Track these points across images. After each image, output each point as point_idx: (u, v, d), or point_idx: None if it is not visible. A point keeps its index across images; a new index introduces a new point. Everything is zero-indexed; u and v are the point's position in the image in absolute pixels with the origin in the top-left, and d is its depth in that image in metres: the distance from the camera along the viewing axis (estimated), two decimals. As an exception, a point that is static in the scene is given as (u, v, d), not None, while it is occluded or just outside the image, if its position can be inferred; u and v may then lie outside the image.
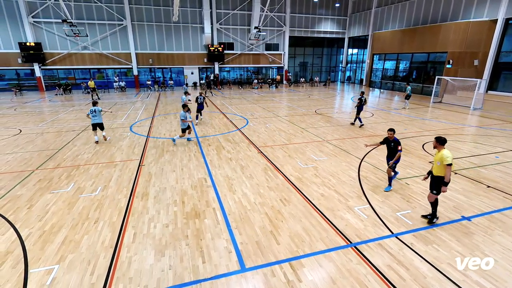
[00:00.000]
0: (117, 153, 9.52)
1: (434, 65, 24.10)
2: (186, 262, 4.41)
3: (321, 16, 34.17)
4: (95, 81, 28.51)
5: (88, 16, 26.64)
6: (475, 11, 21.10)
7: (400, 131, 12.26)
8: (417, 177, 7.47)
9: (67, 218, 5.62)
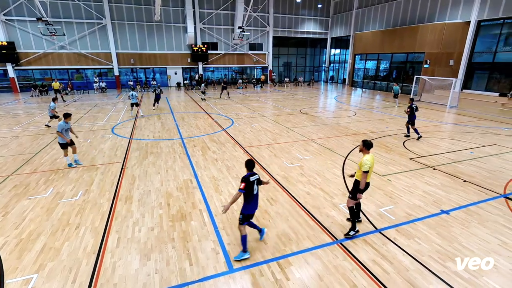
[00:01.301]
0: (99, 156, 9.23)
1: (413, 65, 24.95)
2: (172, 265, 4.34)
3: (304, 17, 34.57)
4: (73, 82, 27.62)
5: (65, 14, 25.65)
6: (449, 13, 22.03)
7: (382, 129, 12.61)
8: (398, 174, 7.71)
9: (46, 225, 5.39)
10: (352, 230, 4.97)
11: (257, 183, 4.52)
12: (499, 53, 19.99)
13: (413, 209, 5.92)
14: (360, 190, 4.77)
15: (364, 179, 4.67)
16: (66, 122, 7.94)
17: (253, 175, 4.43)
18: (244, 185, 4.28)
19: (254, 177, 4.42)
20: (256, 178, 4.46)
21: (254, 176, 4.43)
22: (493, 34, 20.33)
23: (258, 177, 4.52)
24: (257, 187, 4.50)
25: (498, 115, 15.88)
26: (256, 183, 4.48)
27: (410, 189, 6.79)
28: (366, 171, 4.62)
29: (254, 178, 4.43)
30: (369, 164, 4.61)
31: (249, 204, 4.44)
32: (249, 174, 4.41)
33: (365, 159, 4.64)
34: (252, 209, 4.52)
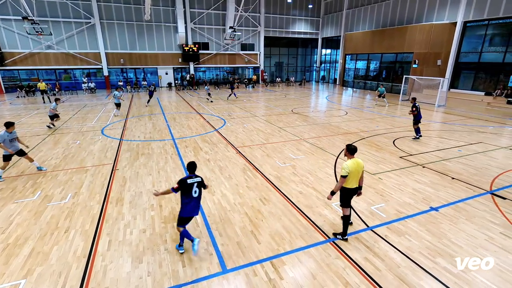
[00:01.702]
0: (88, 158, 9.07)
1: (402, 64, 25.39)
2: (165, 268, 4.30)
3: (295, 17, 34.74)
4: (61, 82, 27.05)
5: (52, 13, 25.09)
6: (437, 14, 22.50)
7: (372, 128, 12.79)
8: (389, 172, 7.83)
9: (34, 229, 5.26)
10: (341, 236, 4.90)
11: (198, 186, 4.42)
12: (485, 53, 20.54)
13: (403, 206, 6.02)
14: (332, 192, 4.71)
15: (339, 183, 4.61)
16: (9, 132, 7.25)
17: (192, 178, 4.37)
18: (177, 187, 4.27)
19: (193, 180, 4.36)
20: (196, 181, 4.39)
21: (193, 179, 4.37)
22: (478, 34, 20.87)
23: (200, 180, 4.45)
24: (198, 190, 4.41)
25: (484, 113, 16.30)
26: (197, 185, 4.39)
27: (400, 187, 6.90)
28: (343, 175, 4.52)
29: (193, 181, 4.36)
30: (348, 169, 4.49)
31: (185, 207, 4.38)
32: (187, 176, 4.38)
33: (345, 164, 4.56)
34: (188, 213, 4.43)
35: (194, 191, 4.37)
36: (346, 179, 4.56)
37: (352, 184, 4.66)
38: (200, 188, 4.48)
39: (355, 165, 4.57)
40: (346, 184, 4.63)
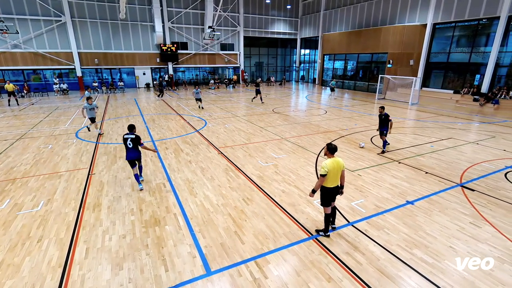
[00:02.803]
0: (62, 163, 8.64)
1: (377, 64, 26.30)
2: (147, 273, 4.19)
3: (274, 17, 34.99)
4: (30, 83, 25.56)
5: (18, 10, 23.62)
6: (408, 16, 23.51)
7: (351, 126, 13.15)
8: (367, 168, 8.08)
9: (3, 240, 4.94)
10: (323, 232, 4.99)
11: (131, 141, 6.51)
12: (452, 54, 21.71)
13: (382, 201, 6.25)
14: (312, 190, 4.77)
15: (319, 182, 4.67)
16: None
17: (128, 134, 6.60)
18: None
19: (127, 135, 6.57)
20: (130, 137, 6.52)
21: (128, 135, 6.58)
22: (446, 36, 22.04)
23: (134, 137, 6.54)
24: (131, 143, 6.51)
25: (453, 111, 17.25)
26: (130, 140, 6.50)
27: (379, 183, 7.15)
28: (322, 174, 4.57)
29: (127, 137, 6.55)
30: (327, 168, 4.54)
31: (126, 154, 6.61)
32: (125, 134, 6.60)
33: (324, 163, 4.59)
34: (128, 157, 6.63)
35: (128, 144, 6.52)
36: (325, 178, 4.61)
37: (331, 183, 4.70)
38: (133, 142, 6.52)
39: (334, 164, 4.61)
40: (326, 183, 4.67)
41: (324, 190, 4.76)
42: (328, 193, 4.78)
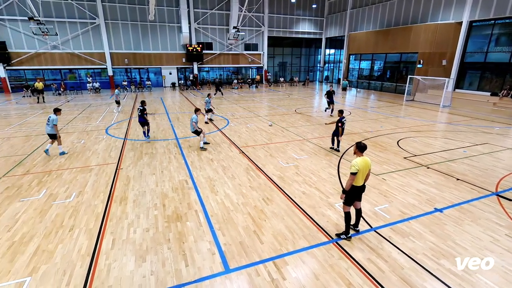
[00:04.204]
0: (93, 157, 9.14)
1: (406, 65, 25.21)
2: (168, 267, 4.32)
3: (298, 17, 34.67)
4: (66, 82, 27.29)
5: (58, 14, 25.32)
6: (442, 14, 22.30)
7: (377, 128, 12.72)
8: (393, 173, 7.78)
9: (39, 227, 5.32)
10: (344, 235, 4.92)
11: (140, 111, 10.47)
12: (491, 53, 20.29)
13: (407, 207, 5.98)
14: (343, 190, 4.73)
15: (349, 181, 4.62)
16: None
17: (140, 107, 10.62)
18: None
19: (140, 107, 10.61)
20: (139, 108, 10.57)
21: (140, 107, 10.61)
22: (484, 34, 20.63)
23: (142, 109, 10.53)
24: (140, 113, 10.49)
25: (490, 114, 16.13)
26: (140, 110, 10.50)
27: (404, 188, 6.86)
28: (353, 172, 4.54)
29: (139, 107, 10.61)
30: (357, 166, 4.52)
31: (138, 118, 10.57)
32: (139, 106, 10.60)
33: (354, 161, 4.59)
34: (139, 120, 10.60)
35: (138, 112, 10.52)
36: (356, 176, 4.58)
37: (359, 182, 4.68)
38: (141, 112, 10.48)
39: (364, 163, 4.62)
40: (354, 181, 4.65)
41: (351, 188, 4.71)
42: (354, 192, 4.73)
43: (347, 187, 4.67)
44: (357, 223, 5.09)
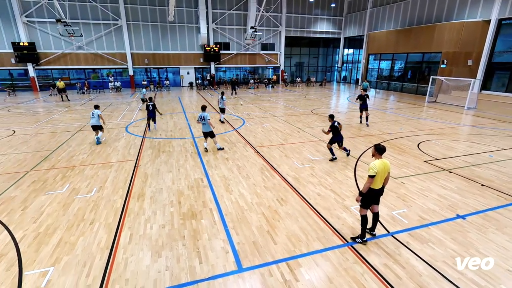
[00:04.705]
0: (113, 154, 9.45)
1: (429, 65, 24.31)
2: (183, 263, 4.40)
3: (317, 16, 34.28)
4: (90, 81, 28.40)
5: (83, 15, 26.41)
6: (468, 12, 21.32)
7: (396, 130, 12.35)
8: (412, 176, 7.52)
9: (62, 220, 5.57)
10: (360, 238, 4.82)
11: (152, 106, 11.96)
12: (521, 53, 19.19)
13: (427, 213, 5.77)
14: (360, 193, 4.64)
15: (367, 183, 4.51)
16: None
17: (149, 102, 11.96)
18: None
19: (149, 103, 11.88)
20: (150, 104, 11.91)
21: (149, 103, 11.90)
22: (515, 33, 19.54)
23: (152, 104, 12.01)
24: (150, 107, 11.90)
25: (519, 117, 15.25)
26: (151, 105, 11.93)
27: (424, 192, 6.62)
28: (370, 175, 4.44)
29: (149, 103, 11.88)
30: (376, 169, 4.41)
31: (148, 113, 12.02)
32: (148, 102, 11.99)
33: (372, 163, 4.48)
34: (149, 115, 12.08)
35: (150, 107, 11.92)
36: (374, 180, 4.48)
37: (377, 184, 4.56)
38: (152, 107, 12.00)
39: (383, 165, 4.50)
40: (372, 184, 4.54)
41: (368, 191, 4.60)
42: (371, 195, 4.62)
43: (364, 189, 4.57)
44: (373, 227, 4.97)
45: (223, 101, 13.57)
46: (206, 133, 9.34)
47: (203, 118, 9.08)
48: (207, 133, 9.33)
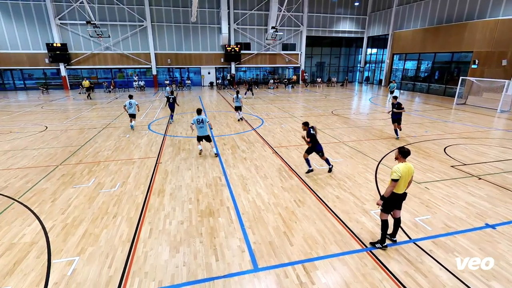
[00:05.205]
0: (136, 151, 9.79)
1: (459, 65, 23.12)
2: (199, 259, 4.47)
3: (339, 15, 33.63)
4: (116, 80, 29.60)
5: (111, 17, 27.58)
6: (504, 8, 20.02)
7: (421, 133, 11.86)
8: (437, 182, 7.19)
9: (87, 212, 5.85)
10: (380, 244, 4.68)
11: (172, 99, 13.61)
12: None
13: (453, 220, 5.49)
14: (382, 197, 4.48)
15: (390, 187, 4.36)
16: None
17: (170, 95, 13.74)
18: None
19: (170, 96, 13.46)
20: (171, 97, 13.52)
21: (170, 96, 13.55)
22: (557, 30, 18.11)
23: (173, 97, 13.69)
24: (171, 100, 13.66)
25: (559, 121, 14.13)
26: (172, 99, 13.59)
27: (451, 199, 6.30)
28: (394, 179, 4.29)
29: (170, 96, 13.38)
30: (399, 172, 4.27)
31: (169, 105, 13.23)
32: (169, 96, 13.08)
33: (396, 167, 4.33)
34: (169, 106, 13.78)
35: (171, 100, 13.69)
36: (397, 184, 4.34)
37: (400, 189, 4.42)
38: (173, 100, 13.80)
39: (407, 169, 4.35)
40: (395, 188, 4.40)
41: (390, 195, 4.46)
42: (394, 200, 4.47)
43: (386, 193, 4.42)
44: (394, 233, 4.80)
45: (239, 99, 13.98)
46: (202, 137, 8.87)
47: (202, 121, 8.61)
48: (203, 137, 8.87)
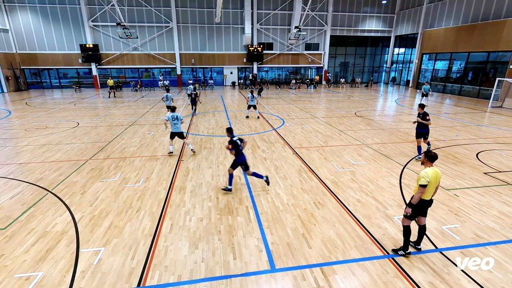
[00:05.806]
0: (159, 148, 10.11)
1: (495, 65, 21.68)
2: (217, 257, 4.53)
3: (365, 14, 32.68)
4: (142, 80, 30.73)
5: (139, 19, 28.69)
6: (549, 4, 18.50)
7: (451, 137, 11.25)
8: (468, 189, 6.79)
9: (113, 205, 6.12)
10: (402, 250, 4.50)
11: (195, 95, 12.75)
12: None
13: (485, 231, 5.16)
14: (410, 204, 4.25)
15: (418, 194, 4.15)
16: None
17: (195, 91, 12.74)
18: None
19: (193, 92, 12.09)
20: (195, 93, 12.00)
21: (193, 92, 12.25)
22: None
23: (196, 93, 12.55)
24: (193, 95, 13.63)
25: None
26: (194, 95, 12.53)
27: (482, 208, 5.92)
28: (422, 185, 4.08)
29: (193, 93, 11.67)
30: (428, 178, 4.07)
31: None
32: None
33: (424, 172, 4.13)
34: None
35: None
36: (426, 189, 4.15)
37: (427, 195, 4.22)
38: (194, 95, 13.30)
39: (435, 174, 4.15)
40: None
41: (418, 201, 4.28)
42: (420, 206, 4.27)
43: (415, 200, 4.20)
44: (419, 240, 4.59)
45: (254, 99, 14.45)
46: (175, 133, 8.89)
47: (176, 118, 8.71)
48: (176, 133, 8.90)
